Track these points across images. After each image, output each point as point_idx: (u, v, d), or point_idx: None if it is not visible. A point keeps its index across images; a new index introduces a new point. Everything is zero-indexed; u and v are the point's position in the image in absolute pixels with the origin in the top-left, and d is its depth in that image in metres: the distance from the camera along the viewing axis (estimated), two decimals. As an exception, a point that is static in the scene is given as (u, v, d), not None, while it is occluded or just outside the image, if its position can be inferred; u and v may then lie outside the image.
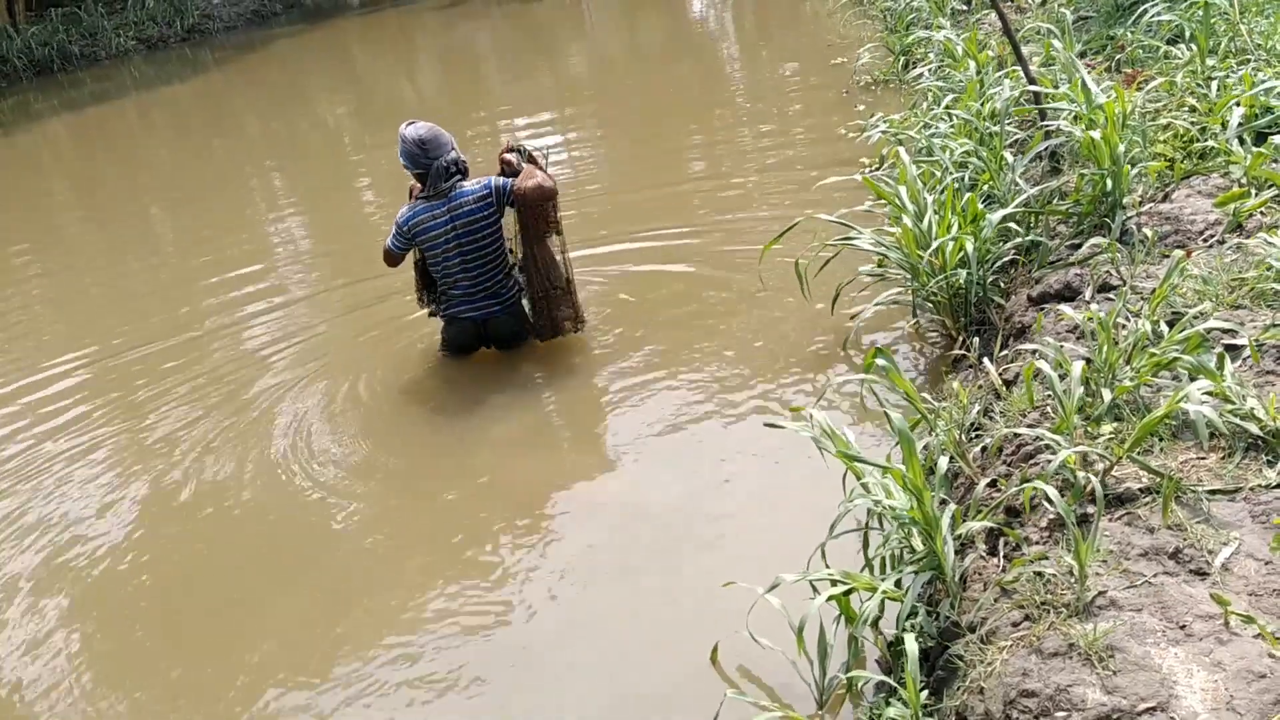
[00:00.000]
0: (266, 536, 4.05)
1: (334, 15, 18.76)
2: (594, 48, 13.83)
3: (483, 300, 4.73)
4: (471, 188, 4.60)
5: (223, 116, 13.05)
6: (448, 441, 4.43)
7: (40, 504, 4.43)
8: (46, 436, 5.03)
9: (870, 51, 8.03)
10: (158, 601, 3.79)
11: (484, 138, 9.57)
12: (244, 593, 3.75)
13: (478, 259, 4.65)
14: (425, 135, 4.56)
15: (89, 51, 16.75)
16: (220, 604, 3.72)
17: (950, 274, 3.93)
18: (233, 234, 7.77)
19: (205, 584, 3.84)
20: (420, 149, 4.54)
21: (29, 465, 4.78)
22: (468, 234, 4.59)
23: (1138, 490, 2.54)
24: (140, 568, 3.97)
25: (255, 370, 5.27)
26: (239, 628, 3.56)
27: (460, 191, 4.58)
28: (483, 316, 4.75)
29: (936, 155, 4.68)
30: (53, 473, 4.65)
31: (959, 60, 5.78)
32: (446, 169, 4.54)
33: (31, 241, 8.80)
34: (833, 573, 2.56)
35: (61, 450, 4.85)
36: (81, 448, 4.85)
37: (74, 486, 4.54)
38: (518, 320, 4.80)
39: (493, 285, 4.71)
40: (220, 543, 4.05)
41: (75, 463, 4.73)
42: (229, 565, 3.92)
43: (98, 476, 4.58)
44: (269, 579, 3.81)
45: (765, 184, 6.69)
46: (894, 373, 2.98)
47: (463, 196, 4.57)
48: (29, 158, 12.57)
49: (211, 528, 4.14)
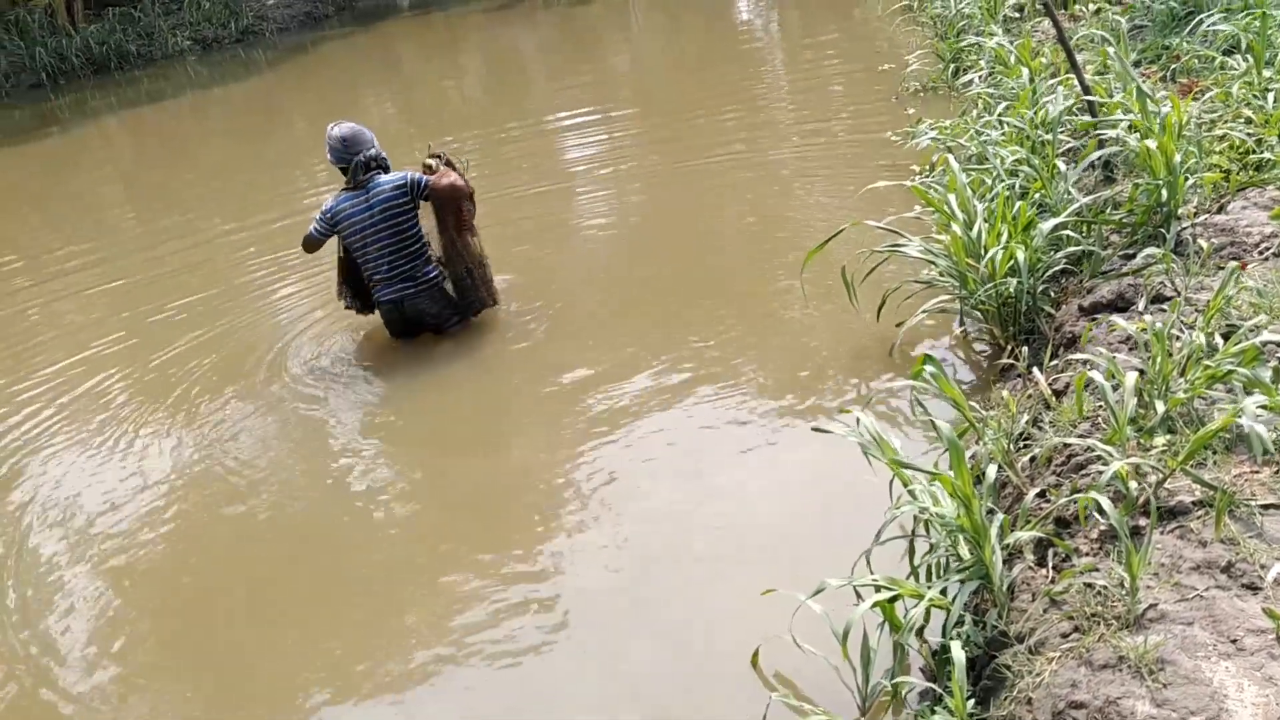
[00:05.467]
0: (289, 533, 4.11)
1: (384, 18, 18.94)
2: (639, 50, 13.85)
3: (399, 283, 5.12)
4: (389, 179, 5.08)
5: (273, 116, 13.22)
6: (489, 438, 4.48)
7: (76, 474, 4.58)
8: (81, 418, 5.20)
9: (919, 58, 7.98)
10: (183, 586, 3.86)
11: (524, 139, 9.67)
12: (274, 589, 3.81)
13: (393, 243, 5.07)
14: (347, 134, 5.07)
15: (145, 51, 17.03)
16: (247, 592, 3.78)
17: (1000, 282, 3.91)
18: (277, 235, 7.89)
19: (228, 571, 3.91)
20: (343, 145, 5.05)
21: (57, 445, 4.96)
22: (384, 219, 5.04)
23: (1190, 503, 2.51)
24: (166, 553, 4.06)
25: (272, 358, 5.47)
26: (268, 623, 3.62)
27: (378, 182, 5.06)
28: (399, 297, 5.14)
29: (988, 163, 4.65)
30: (88, 450, 4.81)
31: (1011, 67, 5.74)
32: (366, 163, 5.05)
33: (82, 234, 8.99)
34: (879, 579, 2.55)
35: (96, 434, 5.02)
36: (110, 435, 5.01)
37: (105, 470, 4.69)
38: (435, 301, 5.19)
39: (408, 269, 5.12)
40: (243, 535, 4.12)
41: (105, 449, 4.88)
42: (255, 556, 3.99)
43: (122, 466, 4.72)
44: (298, 578, 3.87)
45: (811, 189, 6.67)
46: (943, 380, 2.97)
47: (380, 186, 5.05)
48: (84, 154, 12.79)
49: (236, 519, 4.21)
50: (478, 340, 5.21)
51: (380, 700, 3.16)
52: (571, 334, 5.15)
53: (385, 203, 5.03)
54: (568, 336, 5.13)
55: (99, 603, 3.85)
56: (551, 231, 6.87)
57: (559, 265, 6.21)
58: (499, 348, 5.13)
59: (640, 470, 4.02)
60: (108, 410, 5.29)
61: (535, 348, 5.07)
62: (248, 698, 3.32)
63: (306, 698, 3.23)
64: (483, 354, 5.11)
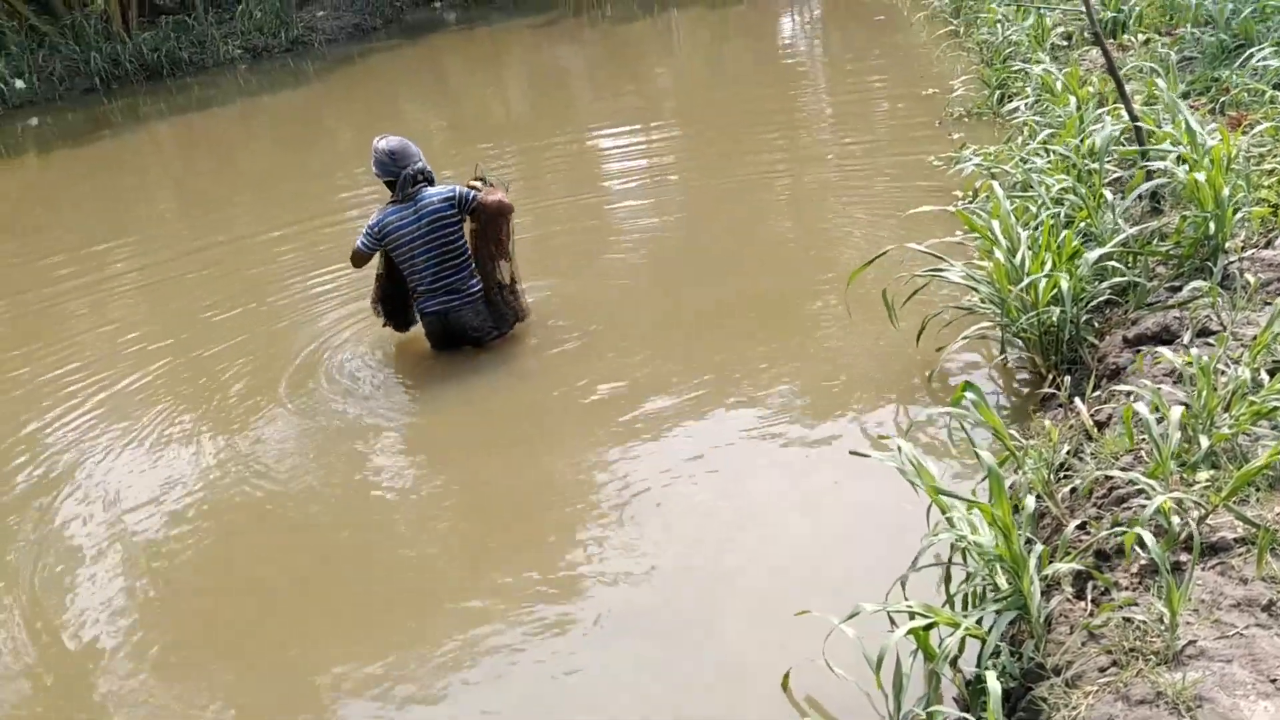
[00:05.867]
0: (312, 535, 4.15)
1: (431, 31, 19.14)
2: (682, 68, 13.90)
3: (444, 295, 5.14)
4: (437, 191, 5.10)
5: (319, 125, 13.39)
6: (523, 449, 4.51)
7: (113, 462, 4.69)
8: (117, 414, 5.35)
9: (964, 83, 7.96)
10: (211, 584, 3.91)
11: (565, 150, 9.77)
12: (298, 586, 3.85)
13: (440, 255, 5.09)
14: (395, 147, 5.07)
15: (197, 59, 17.29)
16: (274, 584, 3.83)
17: (1043, 311, 3.89)
18: (315, 237, 8.01)
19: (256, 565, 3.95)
20: (390, 159, 5.07)
21: (92, 439, 5.08)
22: (432, 231, 5.06)
23: (1232, 540, 2.49)
24: (196, 544, 4.12)
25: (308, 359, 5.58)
26: (295, 615, 3.66)
27: (426, 195, 5.08)
28: (444, 309, 5.16)
29: (1033, 190, 4.63)
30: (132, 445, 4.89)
31: (1058, 95, 5.71)
32: (413, 176, 5.06)
33: (128, 233, 9.18)
34: (914, 606, 2.54)
35: (131, 431, 5.14)
36: (145, 433, 5.11)
37: (138, 467, 4.80)
38: (478, 315, 5.20)
39: (453, 281, 5.14)
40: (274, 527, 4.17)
41: (140, 447, 4.99)
42: (282, 548, 4.03)
43: (155, 465, 4.82)
44: (323, 575, 3.90)
45: (851, 209, 6.67)
46: (983, 407, 2.96)
47: (429, 198, 5.07)
48: (134, 157, 13.01)
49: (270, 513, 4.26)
50: (514, 351, 5.25)
51: (404, 700, 3.20)
52: (609, 348, 5.17)
53: (434, 214, 5.04)
54: (605, 350, 5.15)
55: (128, 597, 3.92)
56: (591, 243, 6.92)
57: (598, 277, 6.25)
58: (535, 360, 5.17)
59: (676, 486, 4.02)
60: (143, 408, 5.38)
61: (571, 360, 5.10)
62: (274, 693, 3.36)
63: (331, 696, 3.27)
64: (519, 366, 5.14)
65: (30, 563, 4.19)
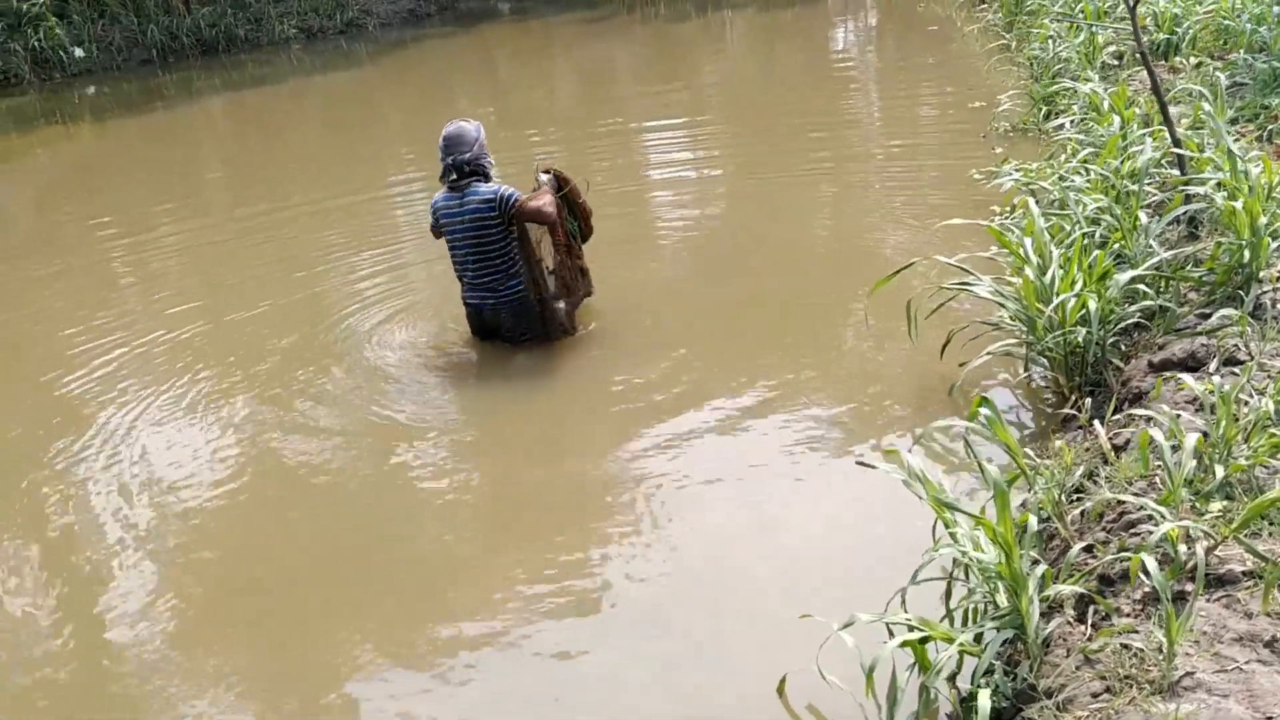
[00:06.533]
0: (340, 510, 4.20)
1: (484, 20, 19.25)
2: (732, 68, 13.87)
3: (482, 291, 5.13)
4: (483, 189, 5.00)
5: (370, 107, 13.50)
6: (549, 445, 4.54)
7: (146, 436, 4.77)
8: (151, 381, 5.44)
9: (1011, 98, 7.87)
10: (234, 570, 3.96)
11: (610, 142, 9.83)
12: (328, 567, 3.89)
13: (477, 254, 5.05)
14: (451, 134, 5.01)
15: (252, 36, 17.53)
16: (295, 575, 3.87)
17: (1069, 331, 3.84)
18: (361, 216, 8.10)
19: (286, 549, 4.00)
20: (443, 145, 5.01)
21: (124, 406, 5.15)
22: (472, 228, 5.00)
23: (1240, 573, 2.45)
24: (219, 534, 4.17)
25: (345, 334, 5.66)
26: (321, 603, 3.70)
27: (473, 191, 5.00)
28: (480, 304, 5.16)
29: (1069, 209, 4.57)
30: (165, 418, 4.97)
31: (1103, 115, 5.64)
32: (458, 167, 4.98)
33: (175, 200, 9.41)
34: (910, 618, 2.52)
35: (164, 398, 5.23)
36: (178, 403, 5.19)
37: (167, 440, 4.86)
38: (515, 316, 5.14)
39: (491, 280, 5.09)
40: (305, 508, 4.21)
41: (172, 417, 5.05)
42: (316, 531, 4.07)
43: (185, 440, 4.86)
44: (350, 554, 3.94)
45: (888, 218, 6.64)
46: (997, 423, 2.93)
47: (473, 195, 4.99)
48: (186, 131, 13.21)
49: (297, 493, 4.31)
50: (549, 350, 5.20)
51: (413, 685, 3.23)
52: (641, 348, 5.15)
53: (475, 213, 4.98)
54: (637, 350, 5.13)
55: (151, 573, 3.98)
56: (631, 237, 6.92)
57: (635, 271, 6.25)
58: (568, 358, 5.13)
59: (693, 488, 4.02)
60: (177, 376, 5.46)
61: (604, 360, 5.09)
62: (279, 679, 3.42)
63: (347, 680, 3.31)
64: (553, 363, 5.10)
65: (41, 532, 4.29)
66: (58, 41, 16.01)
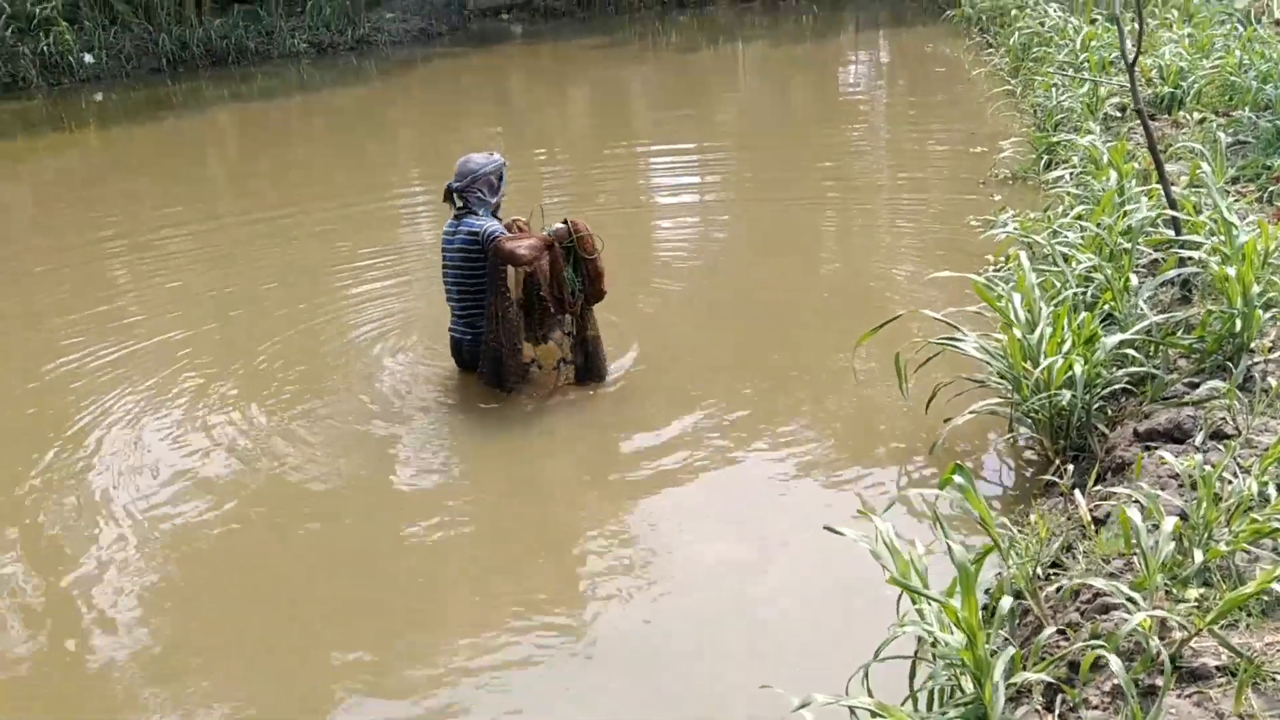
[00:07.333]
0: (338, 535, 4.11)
1: (496, 42, 19.28)
2: (741, 98, 13.86)
3: (460, 324, 5.08)
4: (474, 222, 4.90)
5: (378, 125, 13.49)
6: (542, 481, 4.51)
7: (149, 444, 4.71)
8: (153, 387, 5.42)
9: (1013, 145, 7.83)
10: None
11: (616, 166, 9.88)
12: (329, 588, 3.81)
13: (460, 287, 5.00)
14: (461, 160, 4.99)
15: (263, 49, 17.52)
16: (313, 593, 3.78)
17: (1054, 394, 3.76)
18: (365, 228, 8.09)
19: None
20: (456, 169, 4.99)
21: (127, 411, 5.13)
22: (459, 259, 4.96)
23: (1214, 667, 2.35)
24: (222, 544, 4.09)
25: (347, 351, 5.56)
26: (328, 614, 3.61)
27: (466, 222, 4.93)
28: (459, 338, 5.10)
29: (1059, 265, 4.50)
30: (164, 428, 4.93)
31: (1101, 168, 5.57)
32: (448, 190, 4.97)
33: (178, 208, 9.41)
34: (870, 703, 2.43)
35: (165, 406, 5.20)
36: (179, 412, 5.15)
37: (168, 449, 4.83)
38: (485, 358, 4.99)
39: (468, 316, 5.04)
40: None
41: (174, 425, 5.02)
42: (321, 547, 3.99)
43: (186, 450, 4.79)
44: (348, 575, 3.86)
45: (880, 265, 6.60)
46: (970, 493, 2.83)
47: (465, 227, 4.92)
48: (194, 141, 13.19)
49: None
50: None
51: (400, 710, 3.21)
52: (637, 384, 5.10)
53: (462, 245, 4.90)
54: (632, 386, 5.08)
55: (146, 579, 3.94)
56: (633, 263, 6.89)
57: (637, 300, 6.19)
58: (570, 394, 5.02)
59: (667, 538, 3.96)
60: (179, 384, 5.43)
61: (604, 400, 4.99)
62: (272, 694, 3.34)
63: (323, 697, 3.27)
64: (553, 400, 4.97)
65: (32, 538, 4.24)
66: (67, 47, 16.01)
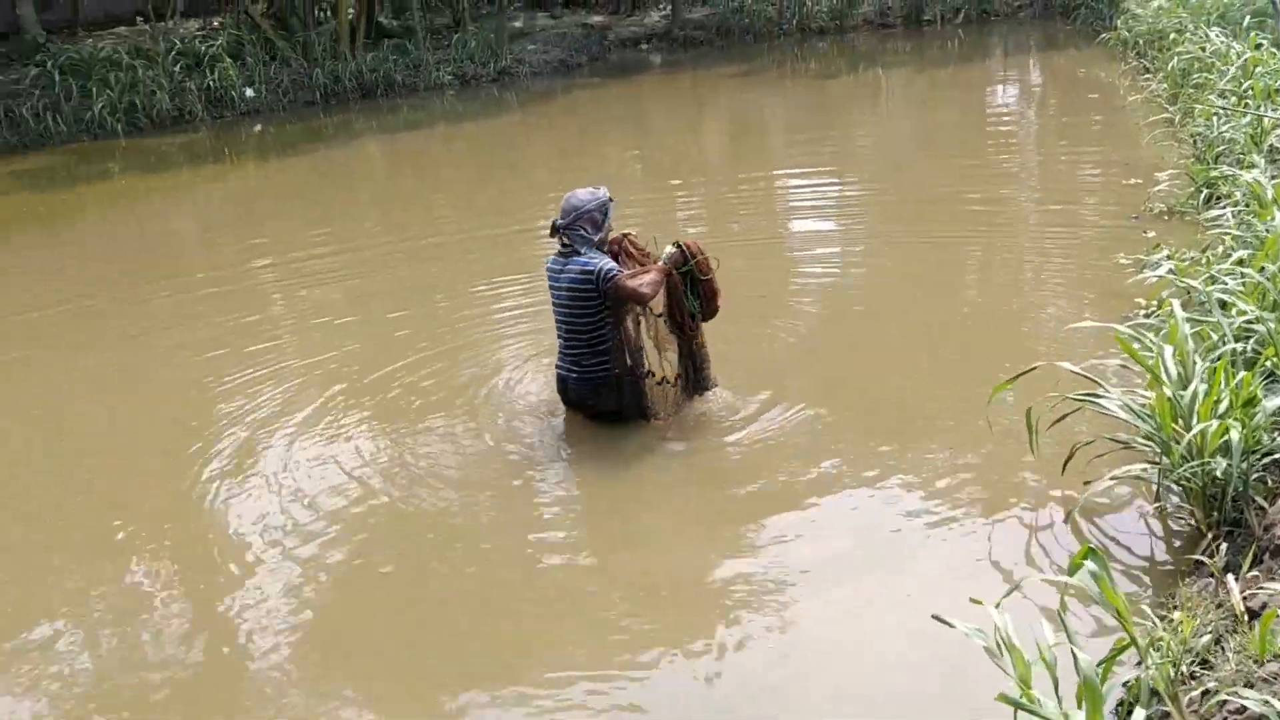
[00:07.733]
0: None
1: (634, 72, 19.42)
2: (883, 127, 13.51)
3: (566, 362, 4.95)
4: (583, 260, 4.77)
5: (517, 154, 13.73)
6: (660, 528, 4.39)
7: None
8: (293, 403, 5.65)
9: (1170, 177, 7.33)
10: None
11: (754, 198, 9.79)
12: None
13: (568, 324, 4.88)
14: (566, 197, 4.85)
15: (410, 81, 18.11)
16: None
17: (1206, 461, 3.42)
18: (510, 264, 8.17)
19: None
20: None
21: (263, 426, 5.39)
22: (568, 298, 4.84)
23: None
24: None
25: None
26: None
27: (575, 259, 4.80)
28: (565, 375, 4.98)
29: (1216, 315, 4.13)
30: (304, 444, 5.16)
31: (1265, 207, 5.12)
32: (553, 227, 4.84)
33: (328, 233, 9.74)
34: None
35: (302, 423, 5.41)
36: (314, 429, 5.32)
37: (296, 464, 4.99)
38: (594, 393, 4.91)
39: (574, 353, 4.90)
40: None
41: (305, 441, 5.21)
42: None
43: (312, 465, 4.97)
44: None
45: (1023, 304, 6.23)
46: (1104, 583, 2.57)
47: (574, 264, 4.79)
48: (343, 170, 13.67)
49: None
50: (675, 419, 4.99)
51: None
52: (768, 427, 4.86)
53: (571, 283, 4.78)
54: (763, 429, 4.86)
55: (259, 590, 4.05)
56: (766, 287, 6.79)
57: (762, 331, 6.05)
58: (692, 434, 4.90)
59: (767, 595, 3.73)
60: (318, 403, 5.60)
61: (727, 443, 4.82)
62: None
63: None
64: (672, 439, 4.86)
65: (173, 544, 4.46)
66: (230, 82, 16.86)
